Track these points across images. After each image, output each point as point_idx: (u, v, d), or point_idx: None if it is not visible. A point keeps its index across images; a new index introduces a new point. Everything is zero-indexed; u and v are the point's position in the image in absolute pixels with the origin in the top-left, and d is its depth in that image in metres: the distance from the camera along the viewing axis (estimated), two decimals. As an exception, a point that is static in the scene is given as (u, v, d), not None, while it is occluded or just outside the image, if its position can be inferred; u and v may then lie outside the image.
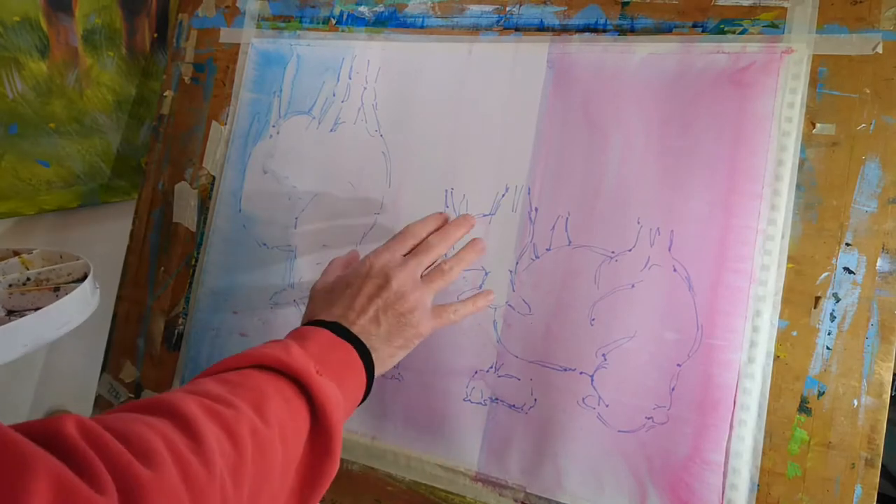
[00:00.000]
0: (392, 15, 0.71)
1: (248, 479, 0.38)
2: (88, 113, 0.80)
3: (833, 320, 0.52)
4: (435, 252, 0.57)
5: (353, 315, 0.53)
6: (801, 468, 0.52)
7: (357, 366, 0.50)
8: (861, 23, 0.53)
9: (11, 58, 0.69)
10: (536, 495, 0.59)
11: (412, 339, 0.55)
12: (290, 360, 0.45)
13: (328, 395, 0.45)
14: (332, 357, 0.49)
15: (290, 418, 0.43)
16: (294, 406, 0.44)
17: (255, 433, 0.40)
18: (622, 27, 0.61)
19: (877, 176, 0.52)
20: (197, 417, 0.38)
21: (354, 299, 0.54)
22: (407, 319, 0.54)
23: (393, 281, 0.54)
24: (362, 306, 0.54)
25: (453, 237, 0.59)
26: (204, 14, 0.81)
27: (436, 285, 0.56)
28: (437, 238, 0.58)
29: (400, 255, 0.57)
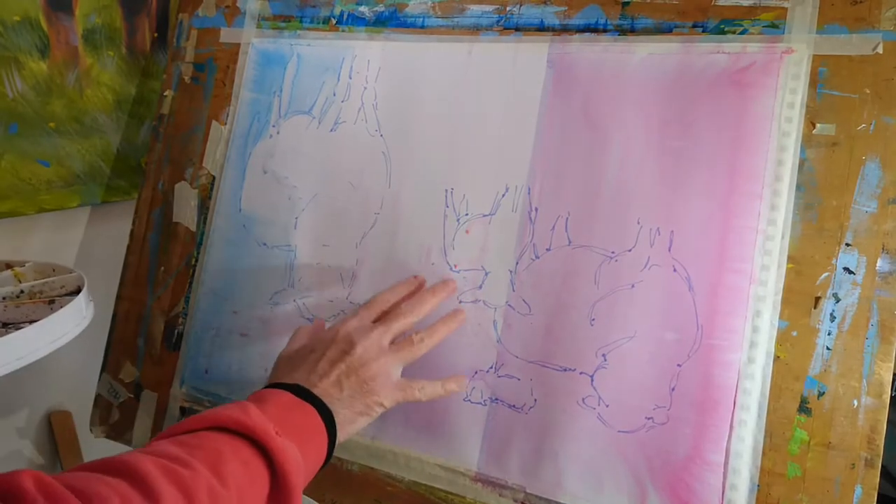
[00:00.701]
0: (392, 15, 0.71)
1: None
2: (88, 112, 0.80)
3: (833, 320, 0.52)
4: (404, 320, 0.57)
5: (315, 378, 0.53)
6: (801, 468, 0.52)
7: (318, 427, 0.50)
8: (861, 23, 0.53)
9: (11, 57, 0.69)
10: (536, 495, 0.59)
11: (374, 406, 0.54)
12: (249, 421, 0.45)
13: (288, 457, 0.44)
14: (292, 418, 0.49)
15: (249, 480, 0.43)
16: (253, 468, 0.43)
17: (212, 494, 0.40)
18: (622, 27, 0.61)
19: (877, 176, 0.52)
20: (154, 478, 0.37)
21: (317, 363, 0.54)
22: (369, 386, 0.53)
23: (357, 346, 0.54)
24: (325, 370, 0.53)
25: (427, 305, 0.59)
26: (204, 14, 0.81)
27: (403, 355, 0.56)
28: (408, 306, 0.58)
29: (368, 321, 0.57)
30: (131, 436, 0.77)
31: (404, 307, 0.58)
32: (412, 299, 0.59)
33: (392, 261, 0.67)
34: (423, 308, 0.59)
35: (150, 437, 0.75)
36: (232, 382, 0.73)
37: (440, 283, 0.60)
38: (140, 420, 0.77)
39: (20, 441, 0.90)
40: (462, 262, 0.64)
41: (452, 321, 0.59)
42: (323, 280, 0.70)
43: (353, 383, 0.53)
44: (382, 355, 0.54)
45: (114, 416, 0.79)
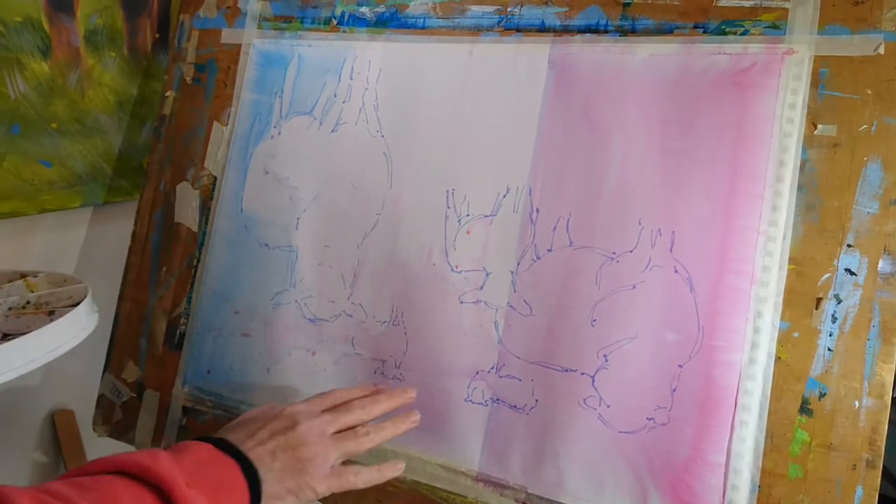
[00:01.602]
0: (393, 15, 0.71)
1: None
2: (90, 113, 0.80)
3: (834, 321, 0.52)
4: (353, 415, 0.56)
5: (251, 442, 0.51)
6: (803, 469, 0.52)
7: (239, 485, 0.47)
8: (862, 24, 0.53)
9: (13, 58, 0.69)
10: (537, 496, 0.59)
11: (304, 488, 0.51)
12: (156, 468, 0.43)
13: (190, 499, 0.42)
14: (209, 472, 0.46)
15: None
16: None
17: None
18: (623, 28, 0.61)
19: (878, 177, 0.52)
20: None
21: (257, 431, 0.52)
22: (303, 466, 0.51)
23: (300, 426, 0.53)
24: (263, 438, 0.52)
25: (381, 407, 0.58)
26: (205, 15, 0.81)
27: (345, 446, 0.54)
28: (361, 402, 0.57)
29: (317, 409, 0.56)
30: (134, 435, 0.77)
31: (356, 403, 0.57)
32: (367, 399, 0.58)
33: (393, 261, 0.67)
34: (375, 408, 0.58)
35: (153, 437, 0.75)
36: (233, 382, 0.73)
37: (399, 390, 0.60)
38: (142, 419, 0.77)
39: (24, 440, 0.90)
40: (463, 262, 0.64)
41: (403, 423, 0.58)
42: (324, 280, 0.70)
43: (289, 458, 0.51)
44: (323, 441, 0.53)
45: (116, 415, 0.79)
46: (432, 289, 0.65)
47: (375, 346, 0.67)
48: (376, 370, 0.67)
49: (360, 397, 0.58)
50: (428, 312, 0.65)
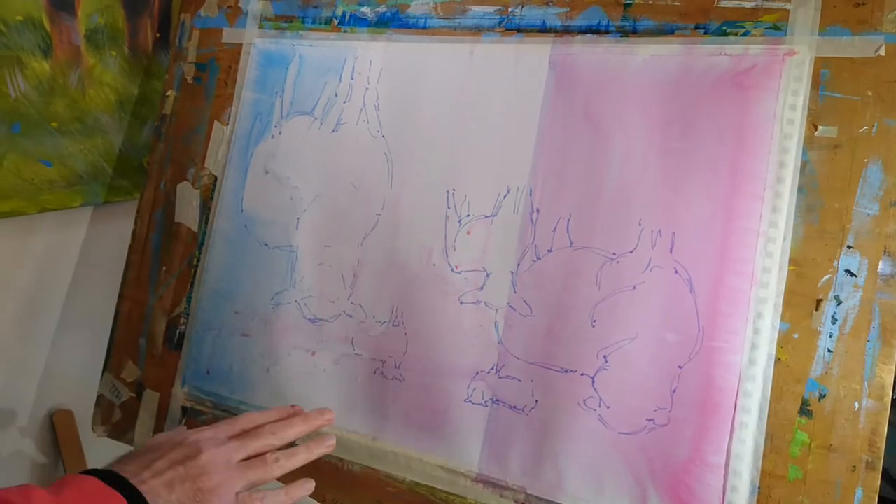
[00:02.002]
0: (394, 15, 0.71)
1: None
2: (91, 112, 0.80)
3: (834, 323, 0.52)
4: (262, 442, 0.54)
5: (146, 474, 0.48)
6: (802, 471, 0.52)
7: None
8: (863, 25, 0.53)
9: (14, 57, 0.69)
10: (537, 497, 0.59)
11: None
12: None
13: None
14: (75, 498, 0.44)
15: None
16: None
17: None
18: (624, 28, 0.61)
19: (878, 178, 0.52)
20: None
21: (155, 461, 0.49)
22: (204, 497, 0.48)
23: (203, 455, 0.50)
24: (160, 469, 0.49)
25: (293, 430, 0.55)
26: (206, 14, 0.81)
27: (252, 475, 0.52)
28: (272, 427, 0.55)
29: (224, 435, 0.53)
30: (133, 435, 0.77)
31: (268, 428, 0.55)
32: (279, 423, 0.56)
33: (393, 262, 0.67)
34: (288, 433, 0.55)
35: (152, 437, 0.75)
36: (233, 382, 0.73)
37: (315, 411, 0.58)
38: (142, 420, 0.77)
39: (22, 440, 0.90)
40: (463, 263, 0.64)
41: (318, 447, 0.56)
42: (324, 281, 0.70)
43: (187, 489, 0.48)
44: (228, 470, 0.50)
45: (116, 415, 0.79)
46: (432, 289, 0.65)
47: (375, 346, 0.67)
48: (376, 370, 0.66)
49: (272, 421, 0.56)
50: (428, 313, 0.65)
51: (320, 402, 0.68)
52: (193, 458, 0.50)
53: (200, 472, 0.49)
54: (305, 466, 0.65)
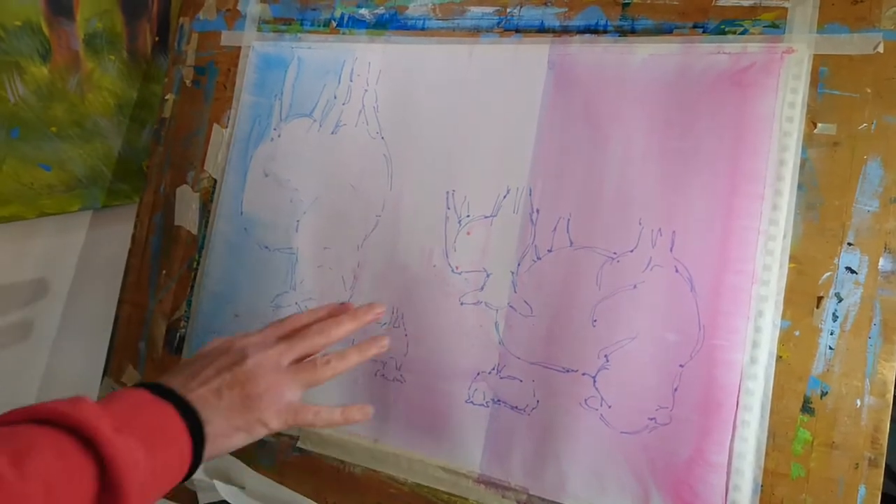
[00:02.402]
0: (393, 17, 0.71)
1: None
2: (90, 117, 0.80)
3: (835, 320, 0.52)
4: (310, 342, 0.52)
5: (193, 383, 0.47)
6: (805, 468, 0.52)
7: (176, 430, 0.44)
8: (862, 22, 0.53)
9: (13, 62, 0.69)
10: (539, 497, 0.59)
11: (255, 425, 0.48)
12: (73, 412, 0.40)
13: (121, 454, 0.39)
14: (141, 416, 0.43)
15: (66, 476, 0.37)
16: (73, 463, 0.38)
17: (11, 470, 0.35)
18: (623, 28, 0.61)
19: (878, 175, 0.52)
20: None
21: (202, 370, 0.48)
22: (253, 403, 0.47)
23: (249, 360, 0.48)
24: (207, 377, 0.48)
25: (343, 329, 0.53)
26: (205, 17, 0.81)
27: (303, 377, 0.50)
28: (320, 326, 0.53)
29: (272, 338, 0.52)
30: (133, 439, 0.77)
31: (315, 327, 0.52)
32: (326, 321, 0.53)
33: (393, 263, 0.67)
34: (337, 331, 0.53)
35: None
36: (234, 385, 0.73)
37: (365, 306, 0.55)
38: (142, 424, 0.77)
39: (22, 445, 0.90)
40: (463, 263, 0.64)
41: (370, 347, 0.53)
42: (324, 283, 0.70)
43: (236, 396, 0.47)
44: (276, 373, 0.49)
45: (116, 419, 0.78)
46: (433, 290, 0.65)
47: (376, 347, 0.67)
48: (377, 372, 0.66)
49: (320, 319, 0.54)
50: (428, 314, 0.65)
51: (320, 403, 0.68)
52: (240, 364, 0.48)
53: (248, 378, 0.48)
54: (308, 467, 0.65)
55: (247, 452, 0.70)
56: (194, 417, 0.45)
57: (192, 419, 0.44)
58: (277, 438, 0.69)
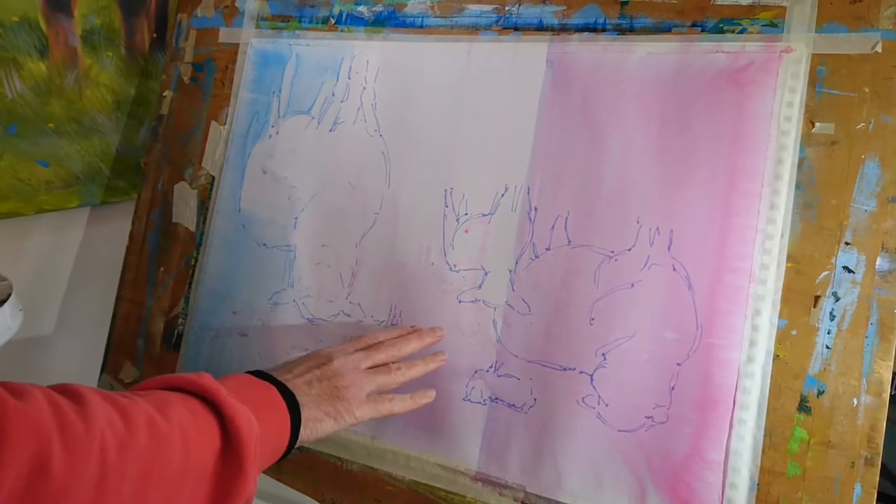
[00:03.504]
0: (391, 15, 0.71)
1: (137, 460, 0.37)
2: (87, 113, 0.80)
3: (832, 319, 0.52)
4: (386, 353, 0.60)
5: (287, 375, 0.54)
6: (801, 467, 0.52)
7: (279, 406, 0.50)
8: (860, 22, 0.53)
9: (10, 58, 0.69)
10: (536, 495, 0.59)
11: (343, 413, 0.54)
12: (200, 381, 0.45)
13: (240, 414, 0.44)
14: (250, 392, 0.49)
15: (196, 429, 0.42)
16: (202, 419, 0.43)
17: (151, 423, 0.39)
18: (621, 26, 0.61)
19: (876, 175, 0.52)
20: (88, 393, 0.38)
21: (294, 368, 0.56)
22: (341, 393, 0.54)
23: (335, 361, 0.56)
24: (300, 372, 0.55)
25: (411, 346, 0.61)
26: (203, 14, 0.81)
27: (379, 379, 0.57)
28: (392, 342, 0.61)
29: (351, 349, 0.59)
30: (131, 436, 0.77)
31: (388, 343, 0.61)
32: (399, 339, 0.62)
33: (391, 260, 0.67)
34: (407, 348, 0.61)
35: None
36: (232, 383, 0.73)
37: (429, 329, 0.64)
38: (140, 420, 0.77)
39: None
40: (461, 261, 0.64)
41: (433, 361, 0.61)
42: (322, 280, 0.70)
43: (325, 387, 0.54)
44: (357, 373, 0.56)
45: (114, 416, 0.78)
46: (430, 288, 0.65)
47: (374, 345, 0.67)
48: (375, 369, 0.66)
49: (392, 338, 0.62)
50: (426, 311, 0.65)
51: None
52: (327, 364, 0.56)
53: (334, 374, 0.55)
54: (306, 464, 0.66)
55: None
56: (292, 399, 0.51)
57: (290, 400, 0.51)
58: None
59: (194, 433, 0.41)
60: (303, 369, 0.56)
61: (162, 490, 0.38)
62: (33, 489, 0.30)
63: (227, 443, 0.43)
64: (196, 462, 0.41)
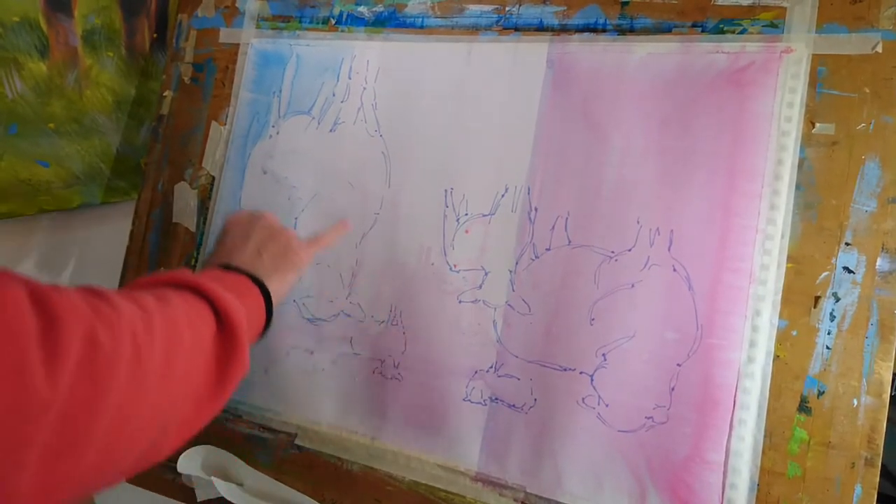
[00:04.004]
0: (391, 15, 0.71)
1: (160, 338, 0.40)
2: (88, 113, 0.80)
3: (833, 320, 0.52)
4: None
5: (242, 257, 0.58)
6: (801, 468, 0.52)
7: (251, 288, 0.54)
8: (860, 22, 0.53)
9: (11, 58, 0.69)
10: (536, 495, 0.59)
11: (296, 262, 0.59)
12: (184, 276, 0.48)
13: (228, 300, 0.47)
14: (225, 282, 0.51)
15: (195, 312, 0.45)
16: (197, 306, 0.46)
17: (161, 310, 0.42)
18: (621, 27, 0.61)
19: (876, 175, 0.52)
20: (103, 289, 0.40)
21: (236, 244, 0.59)
22: (284, 244, 0.60)
23: (262, 219, 0.61)
24: (246, 248, 0.59)
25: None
26: (203, 14, 0.81)
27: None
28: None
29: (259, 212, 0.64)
30: (131, 436, 0.77)
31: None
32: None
33: (392, 261, 0.67)
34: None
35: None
36: (232, 383, 0.73)
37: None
38: (140, 420, 0.77)
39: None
40: (462, 262, 0.64)
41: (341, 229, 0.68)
42: (322, 280, 0.70)
43: (272, 247, 0.59)
44: (285, 227, 0.62)
45: (114, 416, 0.78)
46: (431, 288, 0.65)
47: (374, 345, 0.67)
48: (374, 370, 0.66)
49: None
50: (426, 312, 0.65)
51: (319, 401, 0.68)
52: (259, 224, 0.61)
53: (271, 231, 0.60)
54: (306, 464, 0.65)
55: (245, 450, 0.70)
56: (256, 279, 0.55)
57: (255, 280, 0.55)
58: (275, 436, 0.69)
59: (195, 317, 0.45)
60: (247, 244, 0.59)
61: (181, 364, 0.42)
62: (91, 356, 0.34)
63: (220, 326, 0.46)
64: (200, 342, 0.44)
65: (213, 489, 0.67)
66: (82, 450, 0.34)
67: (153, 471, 0.73)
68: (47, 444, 0.32)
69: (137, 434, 0.38)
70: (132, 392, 0.37)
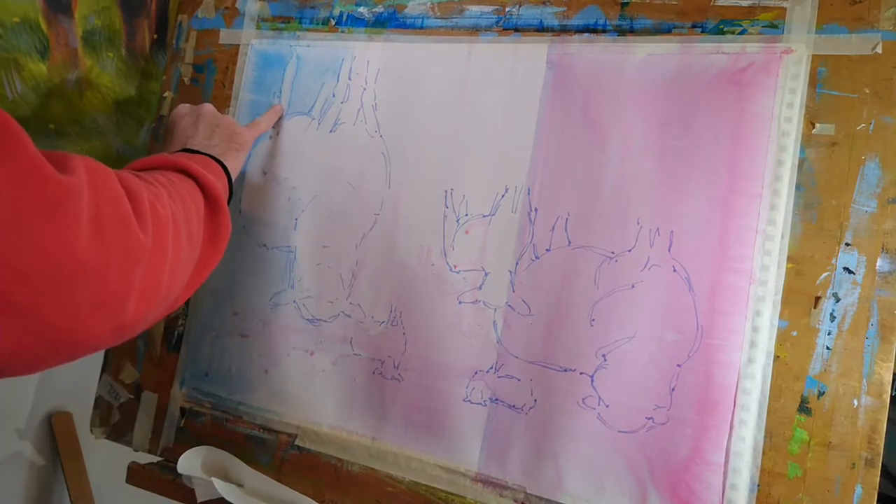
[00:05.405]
0: (391, 16, 0.71)
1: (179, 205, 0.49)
2: (88, 114, 0.80)
3: (833, 320, 0.52)
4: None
5: (204, 142, 0.64)
6: (802, 468, 0.52)
7: (215, 166, 0.61)
8: (860, 23, 0.53)
9: (11, 59, 0.69)
10: (537, 496, 0.59)
11: (241, 143, 0.67)
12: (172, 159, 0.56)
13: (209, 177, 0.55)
14: (197, 161, 0.59)
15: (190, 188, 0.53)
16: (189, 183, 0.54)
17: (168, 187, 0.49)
18: (621, 28, 0.61)
19: (876, 176, 0.52)
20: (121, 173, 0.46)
21: (189, 133, 0.65)
22: (229, 129, 0.66)
23: (205, 107, 0.68)
24: (199, 135, 0.65)
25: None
26: (203, 15, 0.81)
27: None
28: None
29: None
30: (131, 437, 0.77)
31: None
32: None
33: (392, 261, 0.67)
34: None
35: (151, 439, 0.75)
36: (232, 383, 0.73)
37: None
38: (140, 421, 0.77)
39: (21, 442, 0.90)
40: (462, 262, 0.64)
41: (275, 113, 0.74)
42: (323, 281, 0.70)
43: (220, 132, 0.66)
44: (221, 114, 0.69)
45: (114, 417, 0.79)
46: (431, 289, 0.65)
47: (374, 346, 0.67)
48: (375, 370, 0.66)
49: None
50: (426, 312, 0.65)
51: (319, 402, 0.68)
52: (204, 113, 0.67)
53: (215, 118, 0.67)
54: (306, 465, 0.65)
55: (245, 450, 0.70)
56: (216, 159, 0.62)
57: (216, 159, 0.62)
58: (276, 437, 0.69)
59: (193, 193, 0.53)
60: (198, 131, 0.65)
61: (194, 231, 0.51)
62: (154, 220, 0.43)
63: (206, 197, 0.55)
64: (199, 213, 0.53)
65: (213, 490, 0.67)
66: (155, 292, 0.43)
67: (153, 471, 0.73)
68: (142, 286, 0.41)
69: (175, 284, 0.47)
70: (175, 249, 0.46)
